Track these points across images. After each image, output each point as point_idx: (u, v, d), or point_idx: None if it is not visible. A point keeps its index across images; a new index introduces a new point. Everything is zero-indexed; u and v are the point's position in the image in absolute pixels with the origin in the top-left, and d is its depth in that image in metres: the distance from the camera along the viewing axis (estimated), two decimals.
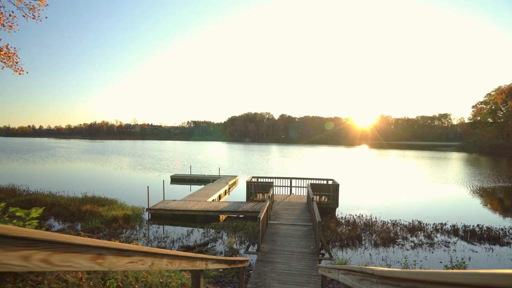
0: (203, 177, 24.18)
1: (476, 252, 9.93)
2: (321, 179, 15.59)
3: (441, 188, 23.17)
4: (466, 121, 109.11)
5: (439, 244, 10.59)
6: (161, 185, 16.25)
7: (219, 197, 17.27)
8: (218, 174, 24.87)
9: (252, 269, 7.27)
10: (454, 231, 11.87)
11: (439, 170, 36.41)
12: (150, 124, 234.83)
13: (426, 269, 0.97)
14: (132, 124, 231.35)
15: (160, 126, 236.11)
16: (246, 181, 15.16)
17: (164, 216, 13.57)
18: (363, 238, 10.98)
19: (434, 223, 12.74)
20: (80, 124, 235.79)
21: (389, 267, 9.19)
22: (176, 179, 24.61)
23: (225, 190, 18.94)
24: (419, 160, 51.87)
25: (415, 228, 12.04)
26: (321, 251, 8.55)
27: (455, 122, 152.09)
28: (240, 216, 13.45)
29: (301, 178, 16.08)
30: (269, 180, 15.64)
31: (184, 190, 20.62)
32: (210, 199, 15.63)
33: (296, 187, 16.12)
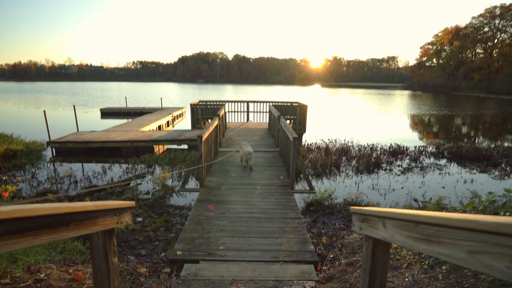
0: (142, 110, 19.87)
1: (474, 173, 8.19)
2: (284, 102, 12.70)
3: (400, 117, 22.23)
4: (412, 63, 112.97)
5: (430, 167, 8.67)
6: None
7: (159, 128, 13.66)
8: (160, 106, 20.72)
9: (188, 217, 4.31)
10: (439, 153, 10.15)
11: (393, 103, 36.28)
12: (89, 64, 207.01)
13: None
14: (66, 64, 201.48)
15: (102, 67, 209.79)
16: (190, 104, 11.64)
17: (75, 151, 9.81)
18: (341, 164, 8.64)
19: (416, 146, 10.92)
20: (1, 65, 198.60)
21: (384, 196, 7.04)
22: (108, 113, 20.01)
23: (168, 121, 15.29)
24: (372, 96, 52.12)
25: (396, 152, 10.06)
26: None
27: (401, 65, 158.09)
28: (182, 146, 10.24)
29: (260, 101, 13.01)
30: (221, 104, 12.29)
31: (116, 124, 16.46)
32: (145, 129, 12.00)
33: (254, 112, 13.08)
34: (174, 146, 10.32)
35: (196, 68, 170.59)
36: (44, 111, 9.83)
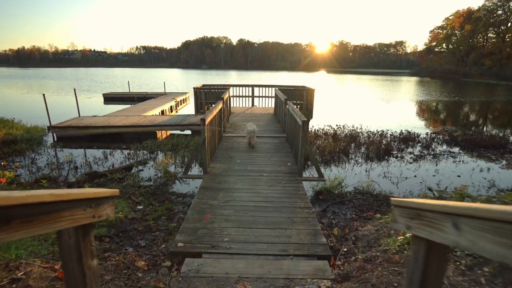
0: (145, 95, 19.54)
1: (490, 161, 7.81)
2: (290, 86, 12.26)
3: (409, 103, 21.62)
4: (420, 48, 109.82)
5: (443, 154, 8.31)
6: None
7: (162, 113, 13.35)
8: (163, 91, 20.35)
9: (191, 205, 4.05)
10: (451, 140, 9.74)
11: (401, 89, 35.41)
12: (92, 49, 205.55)
13: None
14: (70, 50, 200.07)
15: (105, 52, 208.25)
16: (194, 88, 11.28)
17: (77, 137, 9.60)
18: (350, 151, 8.31)
19: (427, 133, 10.51)
20: (5, 50, 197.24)
21: (396, 184, 6.72)
22: (110, 98, 19.72)
23: (171, 106, 14.96)
24: (379, 82, 51.01)
25: (407, 139, 9.67)
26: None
27: (409, 50, 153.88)
28: (186, 132, 9.96)
29: (266, 86, 12.59)
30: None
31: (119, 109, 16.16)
32: (148, 115, 11.70)
33: (260, 97, 12.68)
34: (177, 132, 10.04)
35: (200, 54, 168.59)
36: (44, 95, 9.56)
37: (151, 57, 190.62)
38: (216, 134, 6.35)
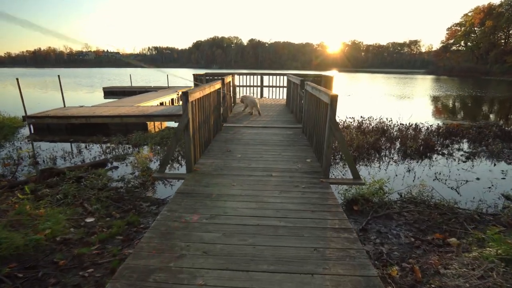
0: (147, 88, 18.24)
1: None
2: (305, 75, 10.65)
3: (434, 98, 19.63)
4: (436, 47, 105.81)
5: (502, 151, 6.55)
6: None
7: (161, 105, 11.94)
8: (167, 85, 19.00)
9: (153, 222, 2.54)
10: (503, 134, 7.96)
11: (422, 86, 33.18)
12: (105, 50, 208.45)
13: None
14: (84, 51, 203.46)
15: (118, 53, 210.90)
16: (193, 75, 9.81)
17: (56, 128, 8.28)
18: (382, 147, 6.66)
19: (471, 124, 8.74)
20: (23, 52, 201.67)
21: (457, 189, 4.91)
22: (111, 92, 18.49)
23: (172, 99, 13.57)
24: (396, 80, 48.61)
25: (450, 133, 7.94)
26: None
27: (423, 49, 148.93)
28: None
29: (277, 74, 11.01)
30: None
31: None
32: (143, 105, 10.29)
33: (270, 86, 11.10)
34: (172, 123, 8.59)
35: (211, 54, 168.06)
36: (17, 79, 8.24)
37: (162, 57, 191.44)
38: (211, 121, 4.84)
